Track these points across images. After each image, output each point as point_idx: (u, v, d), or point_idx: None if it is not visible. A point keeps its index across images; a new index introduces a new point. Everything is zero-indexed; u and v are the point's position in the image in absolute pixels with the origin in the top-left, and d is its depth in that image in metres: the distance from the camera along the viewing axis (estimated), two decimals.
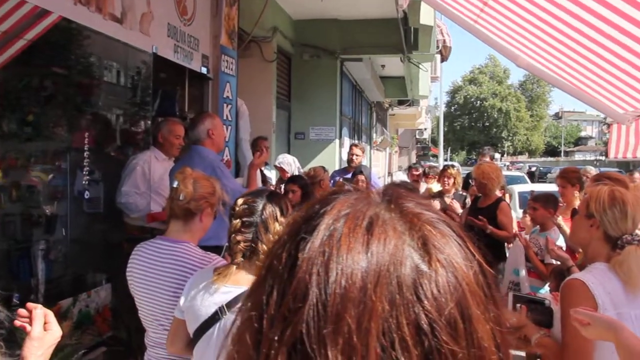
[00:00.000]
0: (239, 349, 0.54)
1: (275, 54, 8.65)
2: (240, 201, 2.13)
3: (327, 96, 10.28)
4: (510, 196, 10.06)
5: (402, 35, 9.89)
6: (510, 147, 73.75)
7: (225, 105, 5.79)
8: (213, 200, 2.52)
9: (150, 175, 4.28)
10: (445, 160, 27.61)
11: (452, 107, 75.05)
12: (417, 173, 8.06)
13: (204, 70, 5.51)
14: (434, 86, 29.86)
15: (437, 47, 18.07)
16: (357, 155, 7.00)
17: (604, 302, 2.05)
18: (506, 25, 3.85)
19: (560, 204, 5.02)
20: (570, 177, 5.01)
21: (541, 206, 4.65)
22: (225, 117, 5.70)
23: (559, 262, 3.85)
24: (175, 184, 2.46)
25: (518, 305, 2.38)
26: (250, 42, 7.65)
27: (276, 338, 0.50)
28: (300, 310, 0.49)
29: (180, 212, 2.46)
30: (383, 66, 14.17)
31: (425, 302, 0.49)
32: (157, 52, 4.55)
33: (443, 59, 24.27)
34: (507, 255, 5.16)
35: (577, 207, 3.01)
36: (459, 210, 5.91)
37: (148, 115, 4.62)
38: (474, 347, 0.50)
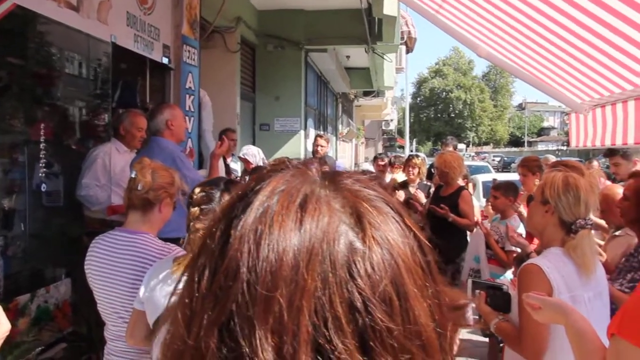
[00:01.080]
0: (173, 329, 0.53)
1: (239, 44, 8.57)
2: (197, 190, 2.11)
3: (292, 87, 10.26)
4: (474, 185, 10.22)
5: (366, 26, 9.89)
6: (475, 137, 74.72)
7: (187, 96, 5.72)
8: (172, 190, 2.49)
9: (111, 168, 4.21)
10: (412, 151, 27.85)
11: (418, 99, 75.67)
12: (383, 163, 8.07)
13: (165, 60, 5.42)
14: (399, 77, 30.07)
15: (402, 38, 18.17)
16: (322, 146, 6.99)
17: (558, 285, 2.10)
18: (467, 15, 3.89)
19: (522, 192, 5.12)
20: (531, 166, 5.13)
21: (501, 194, 4.73)
22: (187, 108, 5.63)
23: (519, 249, 3.93)
24: (133, 174, 2.42)
25: (477, 291, 2.41)
26: (213, 33, 7.57)
27: (206, 317, 0.49)
28: (231, 289, 0.48)
29: (139, 203, 2.42)
30: (348, 57, 14.19)
31: (359, 279, 0.48)
32: (116, 42, 4.46)
33: (408, 50, 24.45)
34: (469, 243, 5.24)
35: (532, 194, 3.07)
36: (423, 200, 5.95)
37: (108, 106, 4.52)
38: (410, 324, 0.49)
